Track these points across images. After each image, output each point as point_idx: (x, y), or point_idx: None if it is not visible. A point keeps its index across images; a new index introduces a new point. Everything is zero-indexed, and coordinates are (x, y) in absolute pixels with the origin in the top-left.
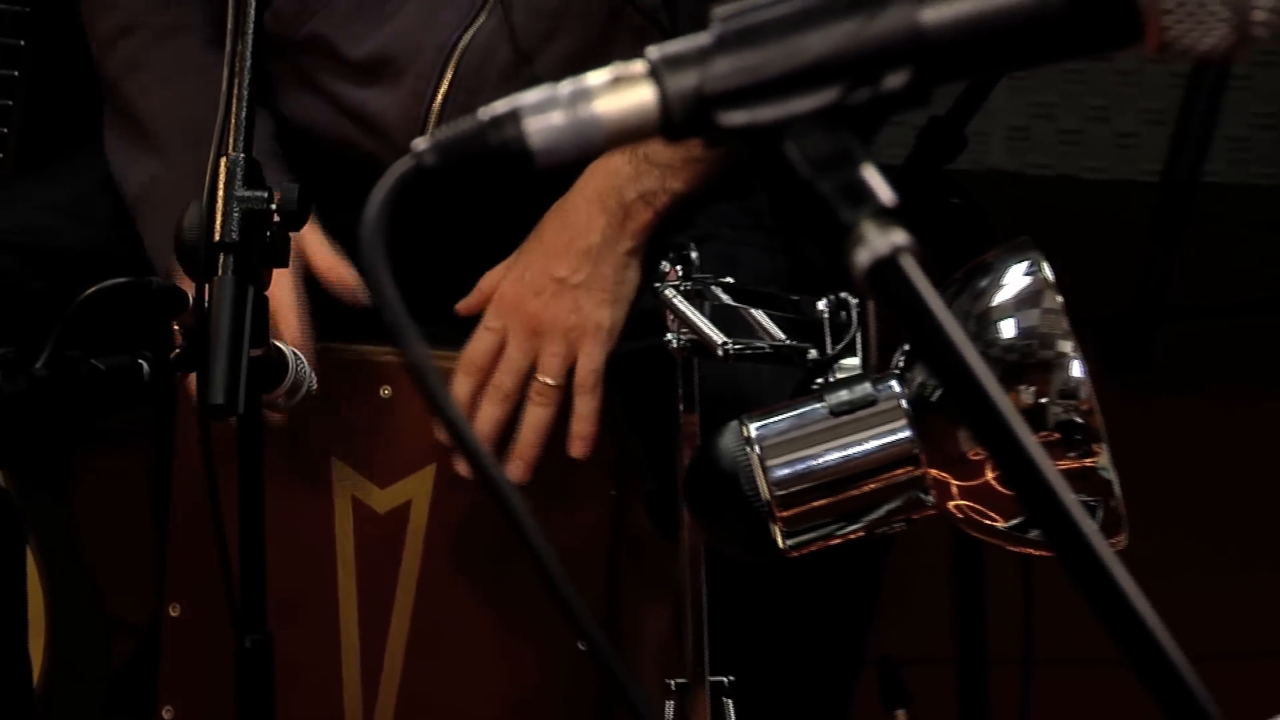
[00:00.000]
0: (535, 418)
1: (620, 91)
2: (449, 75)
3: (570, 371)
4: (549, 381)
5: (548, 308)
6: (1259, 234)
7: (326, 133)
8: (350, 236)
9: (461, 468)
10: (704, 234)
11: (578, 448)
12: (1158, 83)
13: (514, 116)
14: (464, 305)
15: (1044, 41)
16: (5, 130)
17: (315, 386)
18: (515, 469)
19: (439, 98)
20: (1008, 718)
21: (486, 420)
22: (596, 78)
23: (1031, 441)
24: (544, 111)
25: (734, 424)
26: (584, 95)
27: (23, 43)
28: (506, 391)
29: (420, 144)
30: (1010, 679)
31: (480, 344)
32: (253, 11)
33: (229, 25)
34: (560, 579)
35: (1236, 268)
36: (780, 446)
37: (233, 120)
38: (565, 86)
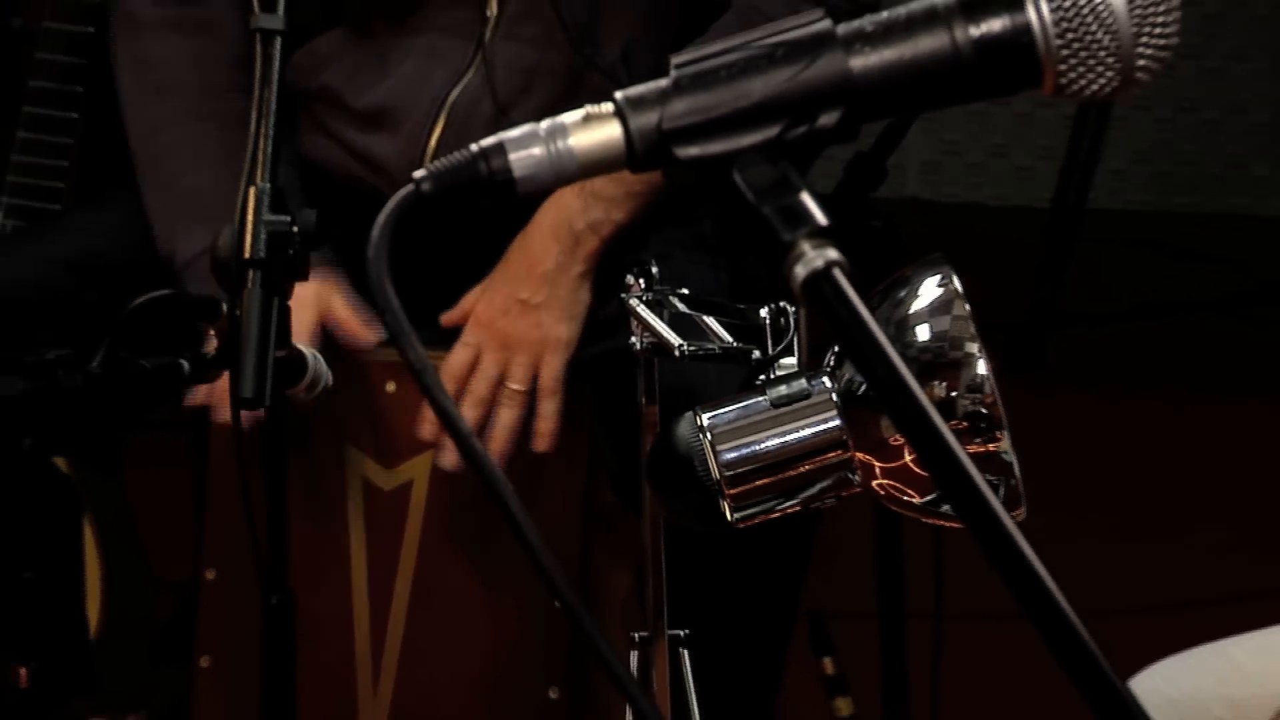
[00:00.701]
0: (506, 418)
1: (591, 128)
2: (440, 124)
3: (535, 380)
4: (517, 388)
5: (515, 325)
6: (1135, 252)
7: (338, 171)
8: (359, 257)
9: (448, 458)
10: (660, 254)
11: (541, 443)
12: (1049, 123)
13: (500, 149)
14: (446, 319)
15: (956, 86)
16: (66, 165)
17: (330, 382)
18: (495, 448)
19: (432, 142)
20: (922, 666)
21: (471, 418)
22: (571, 116)
23: (944, 429)
24: (526, 146)
25: (689, 414)
26: (560, 131)
27: (80, 89)
28: (481, 396)
29: (419, 174)
30: (925, 631)
31: (458, 357)
32: (276, 63)
33: (256, 74)
34: (539, 547)
35: (1116, 281)
36: (728, 434)
37: (260, 155)
38: (544, 124)
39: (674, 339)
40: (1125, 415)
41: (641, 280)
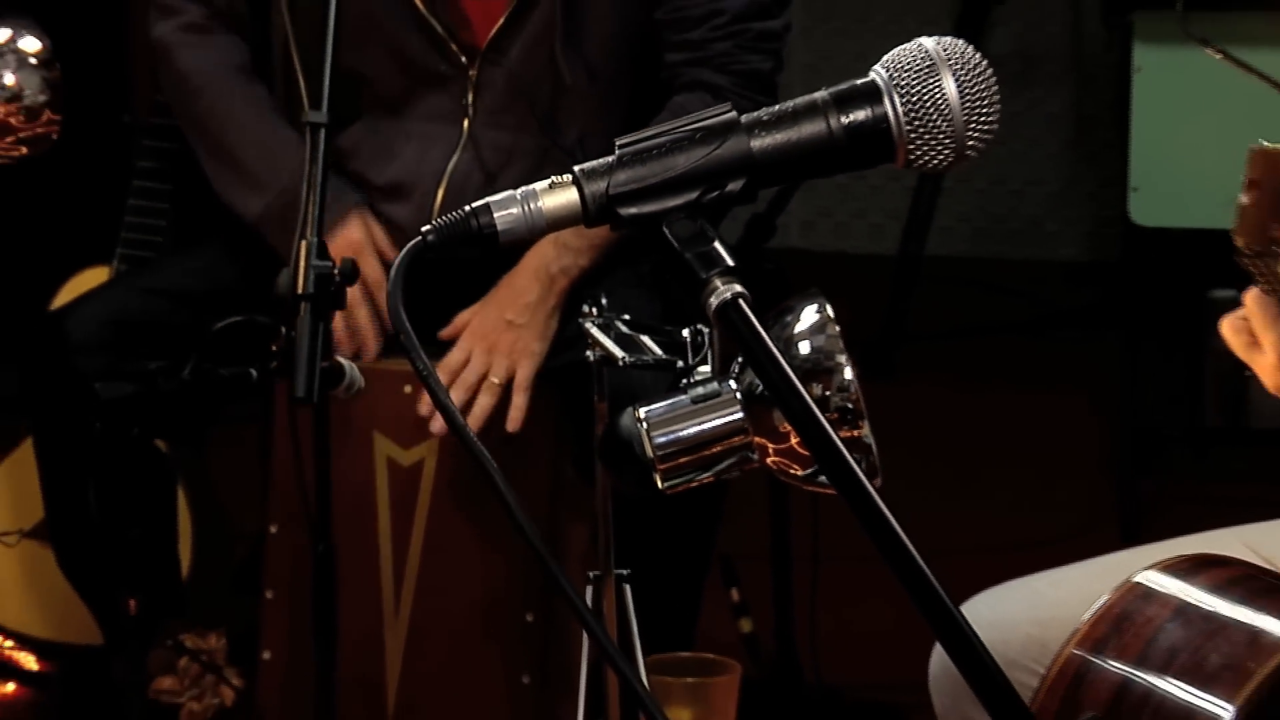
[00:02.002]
0: (484, 403)
1: (556, 193)
2: (440, 193)
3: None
4: (495, 381)
5: (501, 338)
6: (959, 288)
7: None
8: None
9: (436, 425)
10: (607, 289)
11: (511, 425)
12: (895, 191)
13: (486, 210)
14: (445, 333)
15: (830, 161)
16: (163, 224)
17: (362, 385)
18: (476, 427)
19: (435, 207)
20: (804, 595)
21: (454, 402)
22: (540, 185)
23: (821, 419)
24: (506, 207)
25: (630, 409)
26: (532, 196)
27: (171, 168)
28: (468, 385)
29: (425, 229)
30: (806, 569)
31: (454, 357)
32: (322, 146)
33: (306, 154)
34: (517, 508)
35: (945, 309)
36: (659, 424)
37: (309, 216)
38: (520, 190)
39: (618, 352)
40: (953, 407)
41: (594, 309)
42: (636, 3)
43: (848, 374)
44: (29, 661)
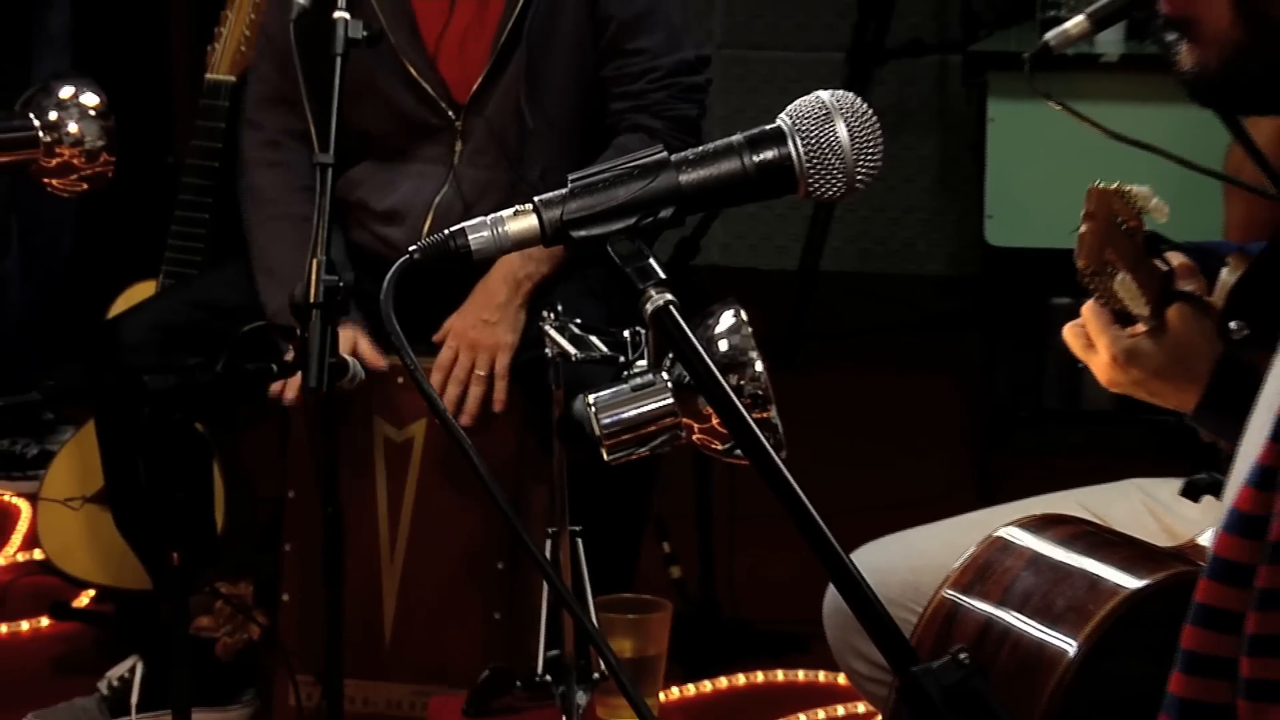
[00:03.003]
0: (475, 393)
1: (519, 219)
2: (429, 219)
3: (491, 370)
4: (481, 374)
5: (480, 335)
6: (848, 297)
7: (369, 249)
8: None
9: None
10: (563, 297)
11: (496, 407)
12: (797, 218)
13: (462, 233)
14: (436, 337)
15: (744, 192)
16: (201, 246)
17: (364, 377)
18: (465, 419)
19: (425, 230)
20: (724, 547)
21: (451, 395)
22: (506, 212)
23: (737, 403)
24: (478, 230)
25: (581, 396)
26: (500, 221)
27: (209, 200)
28: (460, 379)
29: (412, 248)
30: (724, 527)
31: (445, 356)
32: (329, 183)
33: (317, 189)
34: (488, 476)
35: (837, 314)
36: (605, 408)
37: (319, 238)
38: (489, 217)
39: (572, 350)
40: (845, 393)
41: (552, 314)
42: (586, 62)
43: (758, 366)
44: (88, 603)
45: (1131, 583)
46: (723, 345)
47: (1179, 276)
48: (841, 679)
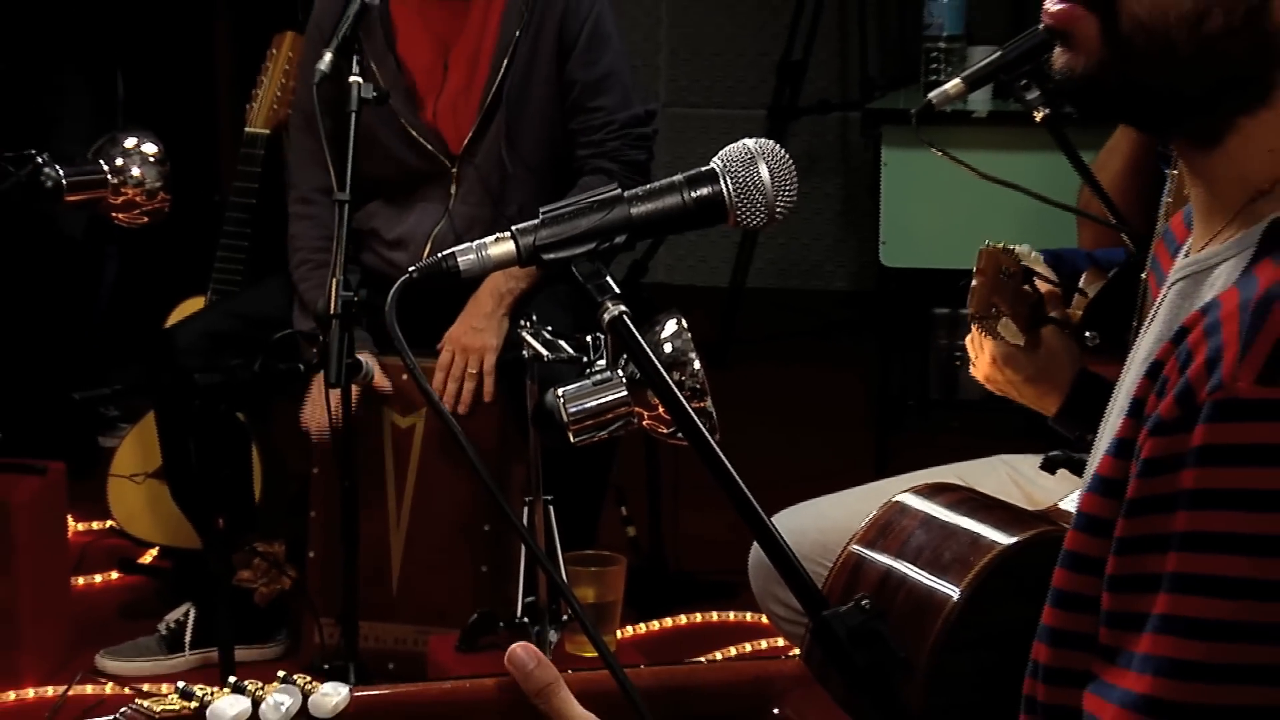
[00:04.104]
0: (469, 387)
1: (499, 245)
2: (428, 246)
3: (481, 368)
4: (473, 372)
5: (471, 340)
6: (768, 309)
7: (378, 270)
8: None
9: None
10: (537, 308)
11: (485, 397)
12: (726, 245)
13: (452, 256)
14: (440, 346)
15: (684, 222)
16: (241, 267)
17: (375, 375)
18: (462, 408)
19: (424, 256)
20: (669, 513)
21: (450, 390)
22: (488, 239)
23: (679, 396)
24: (465, 254)
25: (552, 389)
26: (483, 247)
27: (249, 230)
28: (456, 376)
29: (411, 269)
30: (670, 495)
31: (444, 358)
32: (346, 218)
33: (335, 221)
34: (476, 457)
35: (759, 322)
36: (572, 400)
37: (338, 261)
38: (474, 243)
39: (544, 351)
40: (767, 386)
41: (528, 323)
42: (555, 117)
43: (696, 365)
44: (150, 560)
45: (1005, 539)
46: (667, 347)
47: (1048, 302)
48: (764, 620)
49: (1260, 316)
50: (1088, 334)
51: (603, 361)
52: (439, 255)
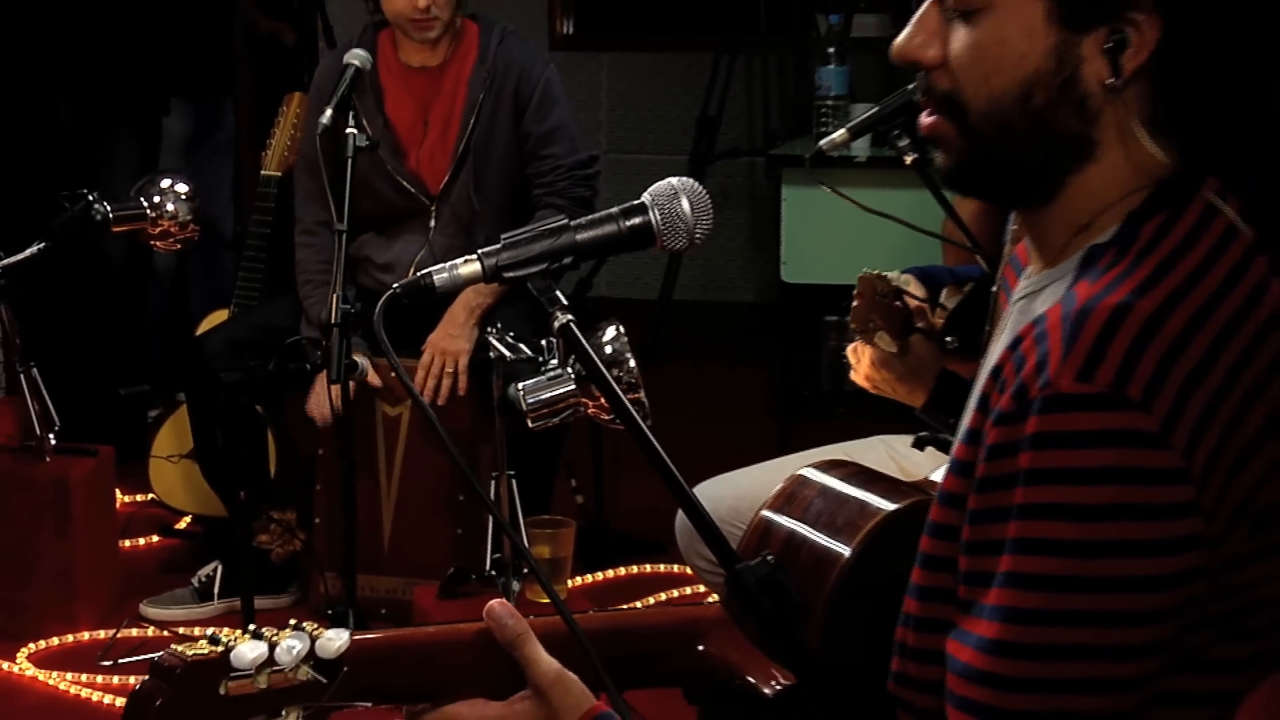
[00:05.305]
0: (446, 383)
1: (468, 265)
2: (412, 269)
3: (456, 368)
4: (450, 370)
5: (448, 344)
6: (692, 319)
7: (371, 289)
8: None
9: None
10: (501, 318)
11: (460, 391)
12: (655, 266)
13: (429, 275)
14: (423, 348)
15: (619, 246)
16: (259, 282)
17: (370, 373)
18: (441, 400)
19: (409, 277)
20: (611, 483)
21: (429, 386)
22: (459, 260)
23: (618, 389)
24: (440, 274)
25: (514, 384)
26: (454, 267)
27: (265, 254)
28: (436, 374)
29: (395, 285)
30: (612, 470)
31: (425, 359)
32: (344, 245)
33: (335, 246)
34: (450, 440)
35: (684, 328)
36: (530, 392)
37: (337, 279)
38: (447, 264)
39: (507, 353)
40: (689, 380)
41: (494, 329)
42: (514, 164)
43: (632, 363)
44: (185, 526)
45: (889, 505)
46: (608, 349)
47: (915, 315)
48: (689, 572)
49: (1078, 326)
50: (948, 339)
51: (555, 361)
52: (418, 275)
